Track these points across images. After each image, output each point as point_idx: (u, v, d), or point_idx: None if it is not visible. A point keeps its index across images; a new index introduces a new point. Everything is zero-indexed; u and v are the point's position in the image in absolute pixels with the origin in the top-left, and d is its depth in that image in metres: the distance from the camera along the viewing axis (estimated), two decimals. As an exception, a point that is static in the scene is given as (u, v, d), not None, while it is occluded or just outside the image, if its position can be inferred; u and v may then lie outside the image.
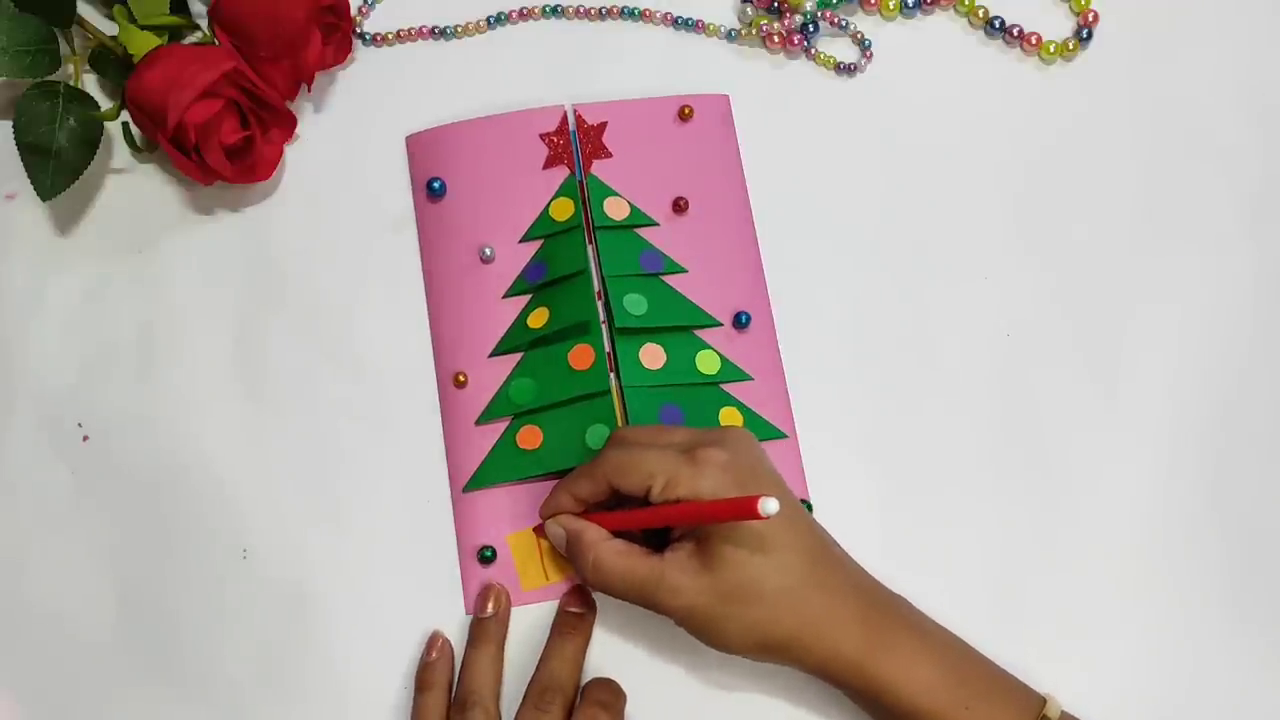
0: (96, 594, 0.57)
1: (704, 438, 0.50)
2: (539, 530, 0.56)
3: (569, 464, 0.56)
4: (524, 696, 0.53)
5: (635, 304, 0.57)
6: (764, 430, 0.57)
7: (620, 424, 0.57)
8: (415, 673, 0.55)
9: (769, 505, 0.44)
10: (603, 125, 0.61)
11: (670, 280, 0.59)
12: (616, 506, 0.52)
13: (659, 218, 0.60)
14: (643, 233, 0.60)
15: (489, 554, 0.56)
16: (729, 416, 0.57)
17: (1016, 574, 0.57)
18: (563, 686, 0.53)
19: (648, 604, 0.50)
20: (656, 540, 0.52)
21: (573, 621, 0.55)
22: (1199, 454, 0.58)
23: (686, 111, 0.61)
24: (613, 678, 0.54)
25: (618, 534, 0.52)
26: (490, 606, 0.55)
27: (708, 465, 0.49)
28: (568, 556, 0.53)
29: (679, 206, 0.60)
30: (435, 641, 0.55)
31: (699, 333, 0.59)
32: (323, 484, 0.58)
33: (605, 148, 0.60)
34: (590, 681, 0.54)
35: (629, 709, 0.53)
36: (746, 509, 0.45)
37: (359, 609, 0.56)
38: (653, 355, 0.57)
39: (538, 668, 0.54)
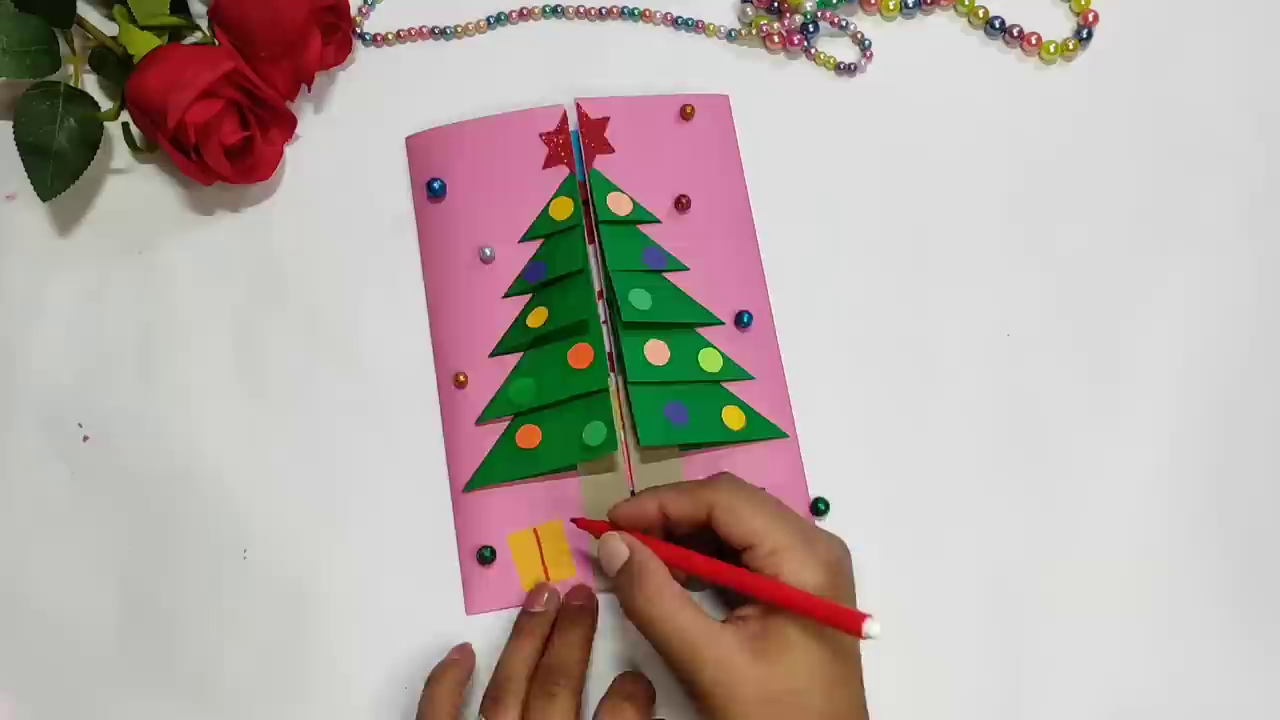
0: (96, 594, 0.57)
1: (821, 532, 0.49)
2: (588, 525, 0.54)
3: (567, 462, 0.56)
4: (530, 686, 0.51)
5: (640, 299, 0.57)
6: (765, 430, 0.58)
7: (620, 422, 0.57)
8: (431, 671, 0.53)
9: (874, 628, 0.44)
10: (605, 120, 0.61)
11: (672, 277, 0.59)
12: (679, 541, 0.50)
13: (660, 215, 0.60)
14: (644, 229, 0.60)
15: (488, 554, 0.56)
16: (731, 415, 0.57)
17: (1016, 574, 0.57)
18: (568, 670, 0.51)
19: (687, 669, 0.47)
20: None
21: (576, 613, 0.54)
22: (1200, 454, 0.58)
23: (688, 111, 0.61)
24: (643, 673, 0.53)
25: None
26: (541, 605, 0.54)
27: (821, 559, 0.47)
28: (613, 577, 0.50)
29: (681, 204, 0.60)
30: (461, 648, 0.54)
31: (701, 330, 0.59)
32: (323, 484, 0.58)
33: (608, 143, 0.60)
34: (620, 675, 0.53)
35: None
36: (851, 622, 0.44)
37: (359, 609, 0.56)
38: (657, 351, 0.57)
39: (544, 655, 0.53)
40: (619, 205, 0.59)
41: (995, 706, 0.55)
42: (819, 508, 0.57)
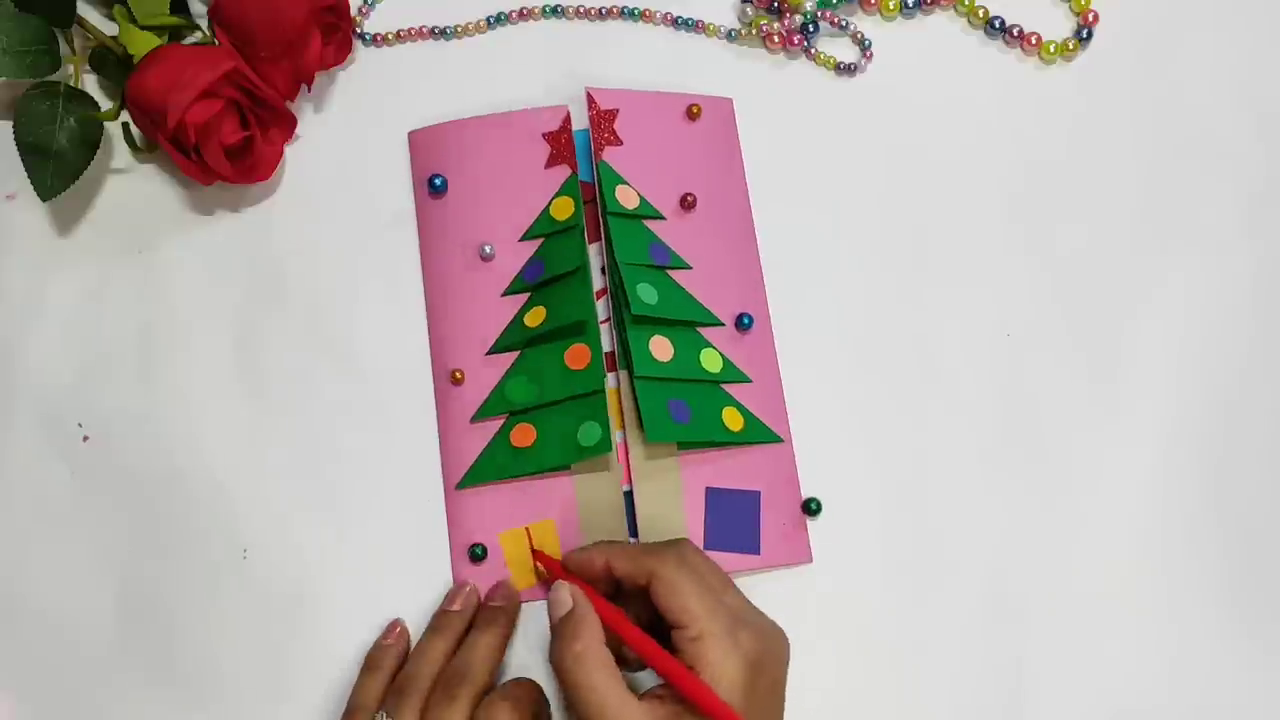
0: (96, 594, 0.57)
1: (755, 621, 0.49)
2: (554, 567, 0.54)
3: (561, 462, 0.56)
4: (434, 685, 0.52)
5: (648, 293, 0.57)
6: (762, 433, 0.58)
7: (620, 421, 0.57)
8: (367, 652, 0.55)
9: None
10: (614, 112, 0.61)
11: (674, 276, 0.59)
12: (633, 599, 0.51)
13: (665, 212, 0.60)
14: (650, 225, 0.59)
15: (480, 552, 0.56)
16: (730, 416, 0.57)
17: (1015, 575, 0.57)
18: (472, 676, 0.51)
19: None
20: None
21: (492, 615, 0.54)
22: (1199, 454, 0.58)
23: (695, 110, 0.61)
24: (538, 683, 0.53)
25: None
26: (459, 604, 0.55)
27: (742, 653, 0.47)
28: (554, 625, 0.50)
29: (686, 203, 0.60)
30: (394, 628, 0.55)
31: (702, 331, 0.59)
32: (321, 483, 0.58)
33: (616, 135, 0.60)
34: (513, 679, 0.53)
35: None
36: (722, 714, 0.45)
37: (354, 607, 0.56)
38: (661, 347, 0.57)
39: (453, 655, 0.53)
40: (626, 198, 0.59)
41: (995, 706, 0.55)
42: (810, 508, 0.57)
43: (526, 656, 0.55)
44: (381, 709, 0.51)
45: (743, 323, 0.59)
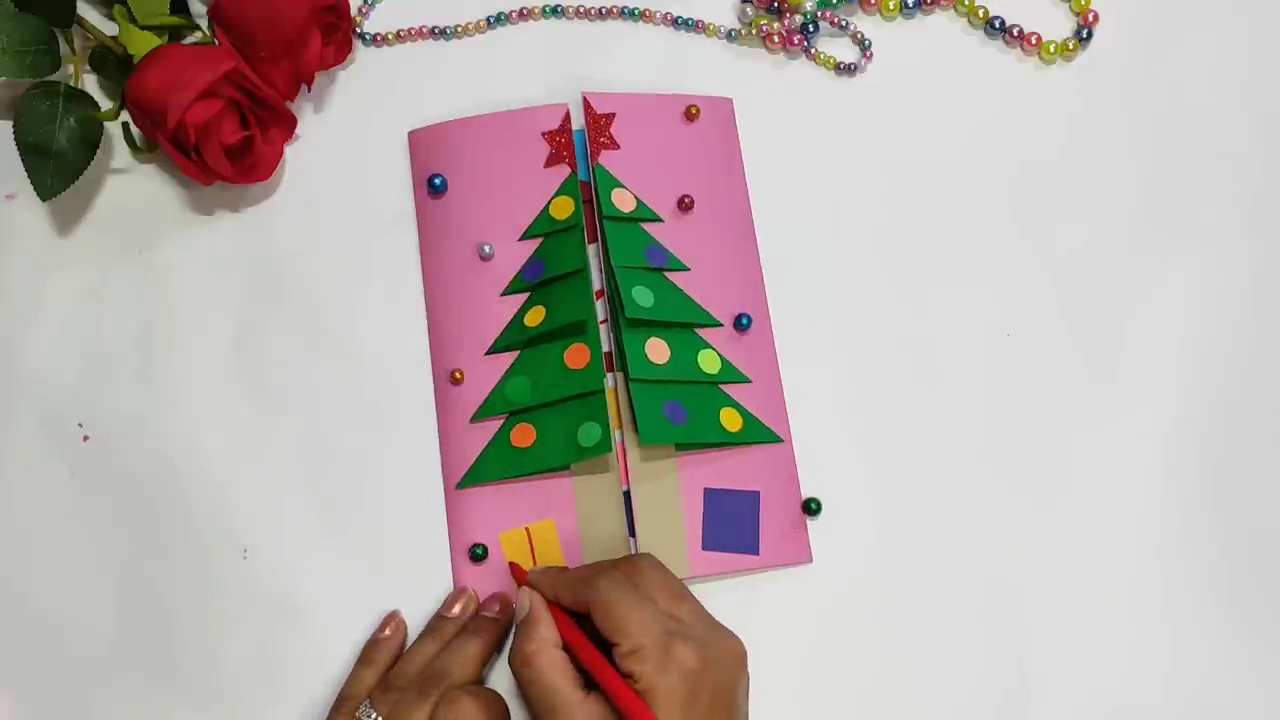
0: (96, 594, 0.57)
1: (695, 631, 0.49)
2: (521, 576, 0.55)
3: (561, 463, 0.56)
4: (413, 681, 0.52)
5: (643, 296, 0.57)
6: (761, 433, 0.58)
7: (618, 422, 0.57)
8: (364, 644, 0.55)
9: None
10: (611, 116, 0.61)
11: (672, 277, 0.59)
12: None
13: (663, 214, 0.60)
14: (647, 228, 0.59)
15: (480, 552, 0.56)
16: (729, 417, 0.57)
17: (1014, 575, 0.57)
18: (449, 678, 0.52)
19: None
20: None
21: (482, 624, 0.55)
22: (1199, 454, 0.58)
23: (693, 111, 0.61)
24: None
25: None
26: (457, 609, 0.55)
27: (676, 665, 0.47)
28: (516, 628, 0.51)
29: (684, 205, 0.60)
30: (390, 621, 0.55)
31: (700, 332, 0.59)
32: (322, 483, 0.58)
33: (613, 139, 0.60)
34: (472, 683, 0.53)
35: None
36: (637, 714, 0.46)
37: (354, 607, 0.56)
38: (658, 350, 0.57)
39: (436, 657, 0.53)
40: (623, 202, 0.59)
41: (995, 706, 0.55)
42: (811, 508, 0.57)
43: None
44: (366, 702, 0.52)
45: (741, 323, 0.59)
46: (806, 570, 0.57)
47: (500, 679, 0.55)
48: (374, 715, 0.51)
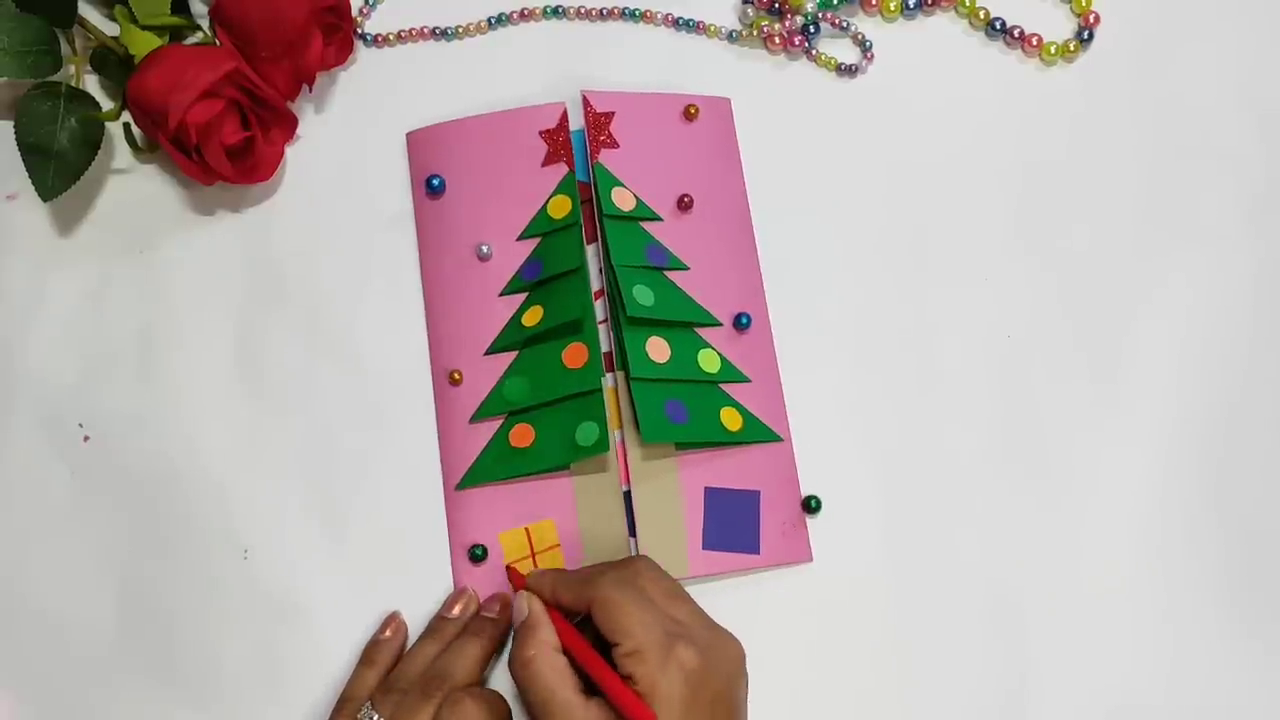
0: (96, 594, 0.57)
1: (696, 632, 0.49)
2: (519, 581, 0.55)
3: (559, 462, 0.56)
4: (416, 680, 0.52)
5: (644, 295, 0.57)
6: (761, 432, 0.58)
7: (618, 421, 0.57)
8: (365, 645, 0.55)
9: None
10: (610, 115, 0.61)
11: (672, 277, 0.59)
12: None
13: (662, 213, 0.60)
14: (646, 227, 0.59)
15: (480, 552, 0.56)
16: (729, 416, 0.57)
17: (1015, 575, 0.57)
18: (451, 679, 0.52)
19: None
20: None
21: (482, 625, 0.54)
22: (1200, 455, 0.58)
23: (692, 111, 0.61)
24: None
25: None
26: (457, 610, 0.55)
27: (677, 666, 0.47)
28: (516, 632, 0.51)
29: (683, 204, 0.60)
30: (391, 622, 0.55)
31: (700, 331, 0.59)
32: (321, 483, 0.58)
33: (613, 137, 0.60)
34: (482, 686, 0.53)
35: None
36: (638, 714, 0.46)
37: (354, 608, 0.56)
38: (658, 348, 0.57)
39: (439, 658, 0.53)
40: (623, 200, 0.59)
41: (995, 706, 0.55)
42: (810, 505, 0.57)
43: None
44: (367, 704, 0.51)
45: (741, 322, 0.58)
46: (807, 569, 0.57)
47: (501, 680, 0.55)
48: (375, 717, 0.51)
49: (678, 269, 0.59)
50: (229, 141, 0.57)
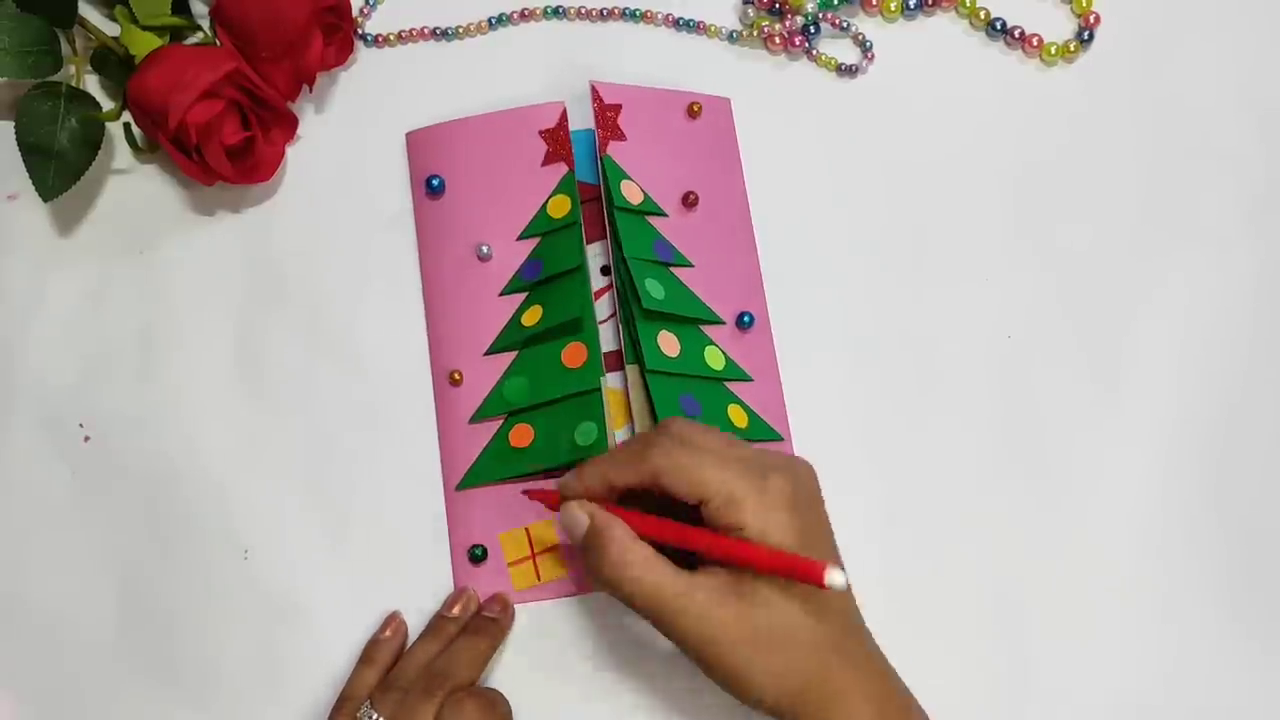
0: (97, 594, 0.57)
1: (773, 461, 0.47)
2: (540, 496, 0.52)
3: (559, 462, 0.56)
4: (417, 679, 0.52)
5: (655, 289, 0.57)
6: (763, 431, 0.58)
7: (618, 421, 0.57)
8: (365, 644, 0.55)
9: (836, 578, 0.42)
10: (618, 107, 0.61)
11: (677, 273, 0.59)
12: (645, 508, 0.48)
13: (667, 209, 0.60)
14: (653, 222, 0.59)
15: (479, 553, 0.56)
16: (735, 414, 0.57)
17: (1015, 574, 0.57)
18: (453, 678, 0.51)
19: (665, 623, 0.46)
20: (676, 554, 0.48)
21: (484, 624, 0.54)
22: (1200, 456, 0.58)
23: (695, 108, 0.61)
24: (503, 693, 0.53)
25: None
26: (457, 610, 0.55)
27: (777, 496, 0.45)
28: (580, 546, 0.48)
29: (689, 201, 0.60)
30: (391, 622, 0.55)
31: (704, 329, 0.59)
32: (321, 483, 0.58)
33: (621, 130, 0.60)
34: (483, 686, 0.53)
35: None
36: (813, 573, 0.43)
37: (354, 608, 0.56)
38: (669, 343, 0.57)
39: (440, 657, 0.53)
40: (631, 194, 0.59)
41: (995, 706, 0.55)
42: None
43: (513, 661, 0.55)
44: (367, 703, 0.51)
45: (743, 321, 0.58)
46: (807, 571, 0.57)
47: (502, 679, 0.55)
48: (375, 716, 0.51)
49: (683, 265, 0.59)
50: (229, 142, 0.57)
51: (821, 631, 0.46)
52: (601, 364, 0.57)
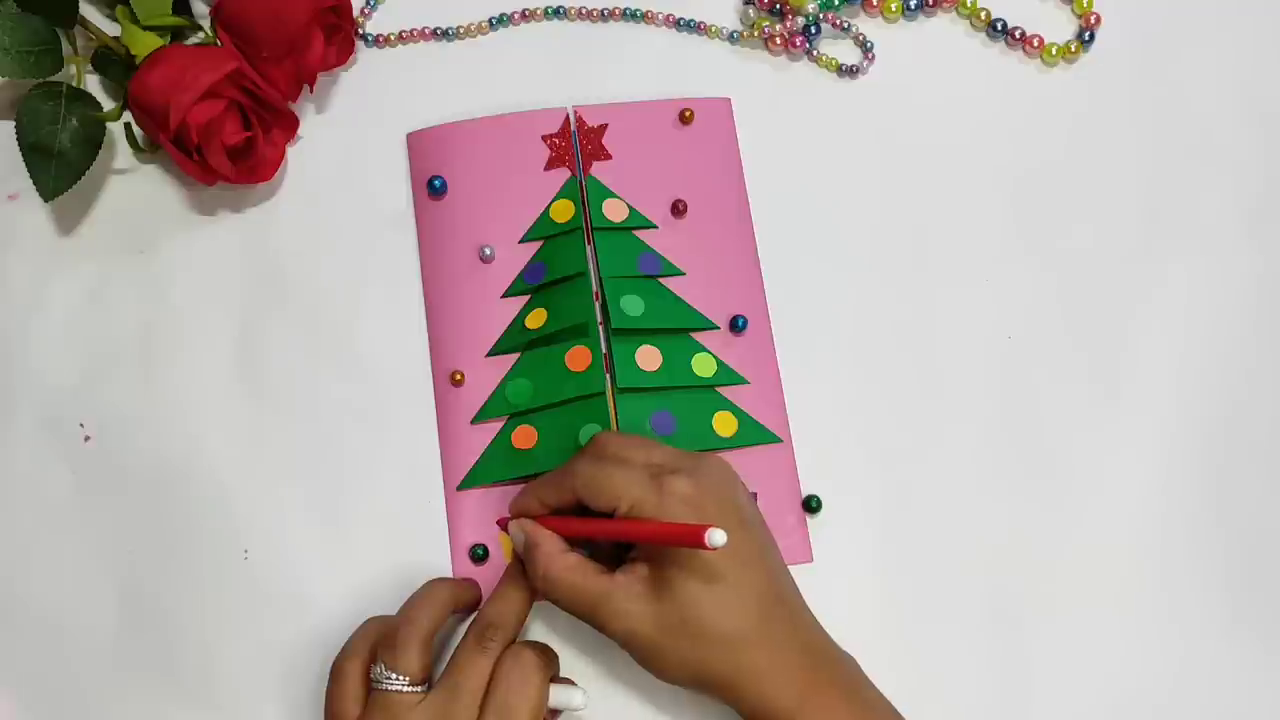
0: (97, 594, 0.57)
1: (678, 463, 0.50)
2: (502, 523, 0.56)
3: (562, 464, 0.56)
4: (465, 633, 0.51)
5: (632, 305, 0.57)
6: (758, 434, 0.58)
7: (612, 427, 0.57)
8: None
9: (715, 537, 0.44)
10: (603, 127, 0.61)
11: (668, 283, 0.59)
12: (585, 511, 0.51)
13: (657, 220, 0.60)
14: (641, 235, 0.60)
15: (481, 553, 0.56)
16: (723, 421, 0.57)
17: (1015, 575, 0.57)
18: (506, 626, 0.51)
19: (592, 622, 0.50)
20: (620, 556, 0.51)
21: (519, 569, 0.53)
22: (1200, 456, 0.58)
23: (687, 115, 0.61)
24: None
25: (582, 542, 0.52)
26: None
27: (672, 496, 0.48)
28: (524, 561, 0.52)
29: (677, 209, 0.60)
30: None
31: (695, 336, 0.59)
32: (322, 483, 0.58)
33: (605, 149, 0.60)
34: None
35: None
36: (693, 536, 0.45)
37: (355, 608, 0.56)
38: (649, 357, 0.57)
39: (482, 608, 0.52)
40: (615, 212, 0.59)
41: (995, 707, 0.55)
42: (811, 505, 0.57)
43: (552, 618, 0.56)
44: (379, 663, 0.50)
45: (737, 324, 0.59)
46: (806, 570, 0.57)
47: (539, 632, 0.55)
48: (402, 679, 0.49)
49: (673, 275, 0.59)
50: (230, 142, 0.57)
51: (734, 617, 0.48)
52: (605, 367, 0.57)
